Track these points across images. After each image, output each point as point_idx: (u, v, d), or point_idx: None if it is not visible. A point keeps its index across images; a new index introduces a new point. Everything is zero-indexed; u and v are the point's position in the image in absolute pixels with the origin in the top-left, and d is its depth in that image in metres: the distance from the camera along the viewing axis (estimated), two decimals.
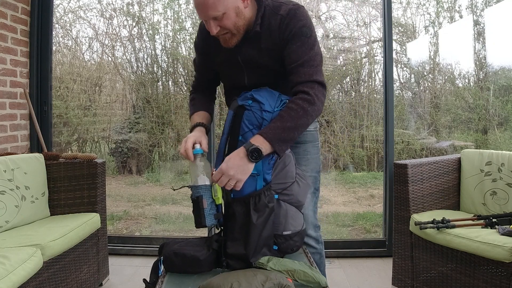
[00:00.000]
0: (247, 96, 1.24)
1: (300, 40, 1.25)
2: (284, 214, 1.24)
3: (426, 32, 3.95)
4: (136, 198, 3.97)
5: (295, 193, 1.27)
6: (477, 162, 2.15)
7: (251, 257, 1.16)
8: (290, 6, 1.28)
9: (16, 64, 2.56)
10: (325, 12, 4.16)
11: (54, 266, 1.75)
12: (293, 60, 1.25)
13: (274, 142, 1.14)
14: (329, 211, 3.73)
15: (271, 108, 1.21)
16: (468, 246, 1.67)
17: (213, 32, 1.22)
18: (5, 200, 1.91)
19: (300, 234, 1.29)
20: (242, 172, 1.13)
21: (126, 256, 2.70)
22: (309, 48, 1.25)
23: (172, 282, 1.15)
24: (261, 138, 1.14)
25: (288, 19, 1.25)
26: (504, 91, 3.69)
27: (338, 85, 4.20)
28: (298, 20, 1.25)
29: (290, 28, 1.25)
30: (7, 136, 2.47)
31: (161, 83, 4.17)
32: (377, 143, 3.98)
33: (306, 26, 1.25)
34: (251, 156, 1.11)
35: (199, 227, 1.21)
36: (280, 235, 1.23)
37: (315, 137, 1.53)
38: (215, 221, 1.21)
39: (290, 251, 1.28)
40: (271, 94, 1.26)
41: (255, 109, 1.21)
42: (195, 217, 1.20)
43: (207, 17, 1.19)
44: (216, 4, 1.16)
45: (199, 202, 1.17)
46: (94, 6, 4.06)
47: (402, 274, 2.11)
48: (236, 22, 1.23)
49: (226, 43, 1.28)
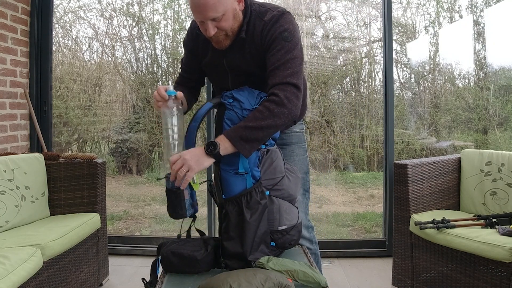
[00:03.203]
0: (228, 95, 1.25)
1: (279, 44, 1.25)
2: (278, 209, 1.25)
3: (426, 32, 3.95)
4: (136, 198, 3.96)
5: (286, 187, 1.28)
6: (477, 162, 2.15)
7: (248, 254, 1.16)
8: (275, 12, 1.28)
9: (16, 64, 2.56)
10: (325, 12, 4.17)
11: (54, 266, 1.75)
12: (271, 63, 1.25)
13: (235, 140, 1.14)
14: (329, 211, 3.73)
15: (250, 106, 1.22)
16: (468, 246, 1.67)
17: (211, 33, 1.21)
18: (5, 200, 1.91)
19: (297, 228, 1.30)
20: (196, 162, 1.12)
21: (126, 256, 2.70)
22: (287, 51, 1.24)
23: (171, 282, 1.15)
24: (222, 136, 1.16)
25: (270, 25, 1.26)
26: (504, 91, 3.69)
27: (338, 85, 4.20)
28: (279, 26, 1.26)
29: (271, 33, 1.26)
30: (7, 136, 2.47)
31: (161, 83, 4.17)
32: (377, 143, 3.98)
33: (287, 30, 1.25)
34: (207, 148, 1.13)
35: (178, 218, 1.21)
36: (276, 230, 1.24)
37: (301, 138, 1.55)
38: (192, 210, 1.23)
39: (288, 245, 1.28)
40: (250, 92, 1.27)
41: (236, 108, 1.22)
42: (173, 208, 1.20)
43: (206, 18, 1.19)
44: (217, 5, 1.16)
45: (180, 193, 1.17)
46: (94, 6, 4.06)
47: (402, 274, 2.11)
48: (232, 24, 1.24)
49: (219, 44, 1.28)
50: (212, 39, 1.27)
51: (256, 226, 1.17)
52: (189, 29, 1.44)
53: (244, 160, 1.19)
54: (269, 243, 1.23)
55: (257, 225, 1.17)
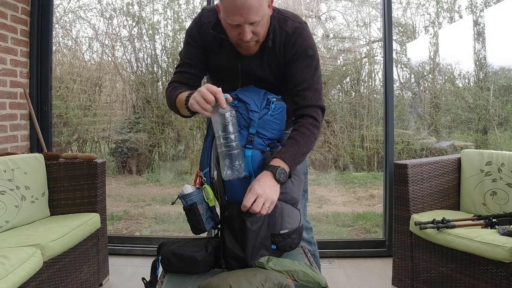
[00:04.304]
0: (232, 96, 1.22)
1: (305, 62, 1.26)
2: (280, 212, 1.24)
3: (426, 32, 3.95)
4: (136, 198, 3.96)
5: (289, 190, 1.27)
6: (477, 162, 2.15)
7: (249, 260, 1.15)
8: (297, 24, 1.27)
9: (16, 64, 2.56)
10: (325, 12, 4.17)
11: (54, 266, 1.75)
12: (299, 82, 1.27)
13: (292, 165, 1.18)
14: (329, 211, 3.73)
15: (257, 108, 1.22)
16: (468, 246, 1.67)
17: (247, 38, 1.15)
18: (5, 200, 1.91)
19: (298, 231, 1.29)
20: (275, 193, 1.12)
21: (126, 256, 2.70)
22: (314, 70, 1.28)
23: (171, 282, 1.15)
24: (280, 161, 1.16)
25: (294, 39, 1.26)
26: (504, 91, 3.69)
27: (338, 85, 4.20)
28: (303, 40, 1.26)
29: (296, 48, 1.26)
30: (7, 136, 2.47)
31: (161, 83, 4.17)
32: (377, 143, 3.98)
33: (310, 47, 1.27)
34: (279, 177, 1.13)
35: (199, 234, 1.21)
36: (277, 234, 1.23)
37: None
38: (213, 223, 1.22)
39: (288, 248, 1.28)
40: (256, 92, 1.26)
41: (241, 110, 1.21)
42: (192, 224, 1.20)
43: (247, 22, 1.12)
44: (259, 9, 1.12)
45: (195, 209, 1.17)
46: (94, 6, 4.06)
47: (402, 274, 2.10)
48: (265, 30, 1.21)
49: (248, 50, 1.23)
50: (241, 44, 1.21)
51: (257, 232, 1.16)
52: (197, 24, 1.32)
53: (249, 163, 1.19)
54: (270, 246, 1.23)
55: (257, 231, 1.16)
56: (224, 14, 1.15)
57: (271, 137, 1.26)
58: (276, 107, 1.25)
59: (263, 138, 1.24)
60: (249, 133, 1.22)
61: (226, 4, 1.12)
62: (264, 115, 1.23)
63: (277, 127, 1.27)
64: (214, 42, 1.30)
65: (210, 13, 1.31)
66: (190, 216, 1.19)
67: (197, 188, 1.21)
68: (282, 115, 1.29)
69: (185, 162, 4.07)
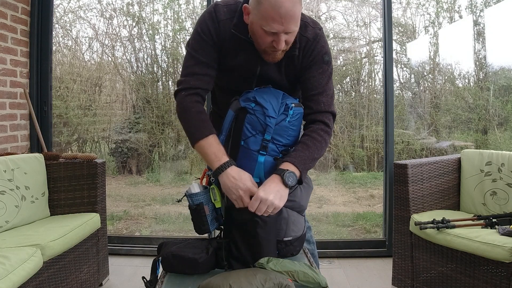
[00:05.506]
0: (249, 98, 1.20)
1: (321, 67, 1.26)
2: (286, 221, 1.23)
3: (426, 32, 3.95)
4: (136, 198, 3.96)
5: (298, 198, 1.26)
6: (477, 162, 2.15)
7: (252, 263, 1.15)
8: (317, 30, 1.27)
9: (16, 64, 2.55)
10: (325, 12, 4.17)
11: (54, 266, 1.75)
12: (313, 87, 1.26)
13: (303, 170, 1.16)
14: (329, 211, 3.73)
15: (275, 114, 1.18)
16: (468, 246, 1.67)
17: (281, 47, 1.14)
18: (5, 200, 1.91)
19: (301, 239, 1.29)
20: (280, 199, 1.11)
21: (126, 256, 2.70)
22: (328, 76, 1.28)
23: (171, 282, 1.15)
24: (292, 166, 1.14)
25: (314, 44, 1.26)
26: (504, 91, 3.69)
27: (338, 85, 4.20)
28: (321, 46, 1.26)
29: (315, 54, 1.26)
30: (7, 136, 2.47)
31: (161, 83, 4.17)
32: (377, 143, 3.98)
33: (327, 53, 1.28)
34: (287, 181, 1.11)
35: (202, 234, 1.20)
36: (281, 240, 1.23)
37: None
38: (217, 224, 1.21)
39: (289, 255, 1.27)
40: (275, 95, 1.22)
41: (258, 114, 1.18)
42: (196, 224, 1.19)
43: (285, 30, 1.10)
44: (298, 20, 1.12)
45: (201, 210, 1.16)
46: (94, 6, 4.06)
47: (402, 274, 2.10)
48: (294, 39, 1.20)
49: (275, 58, 1.20)
50: (268, 51, 1.17)
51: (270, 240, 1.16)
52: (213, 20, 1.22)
53: (260, 169, 1.17)
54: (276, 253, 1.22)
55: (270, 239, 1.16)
56: (260, 19, 1.10)
57: (286, 144, 1.23)
58: (294, 113, 1.22)
59: (278, 145, 1.21)
60: (263, 138, 1.19)
61: (267, 10, 1.07)
62: (281, 121, 1.20)
63: (293, 134, 1.24)
64: (232, 42, 1.23)
65: (226, 9, 1.24)
66: (195, 215, 1.19)
67: (204, 188, 1.21)
68: (299, 121, 1.26)
69: (185, 162, 4.07)
